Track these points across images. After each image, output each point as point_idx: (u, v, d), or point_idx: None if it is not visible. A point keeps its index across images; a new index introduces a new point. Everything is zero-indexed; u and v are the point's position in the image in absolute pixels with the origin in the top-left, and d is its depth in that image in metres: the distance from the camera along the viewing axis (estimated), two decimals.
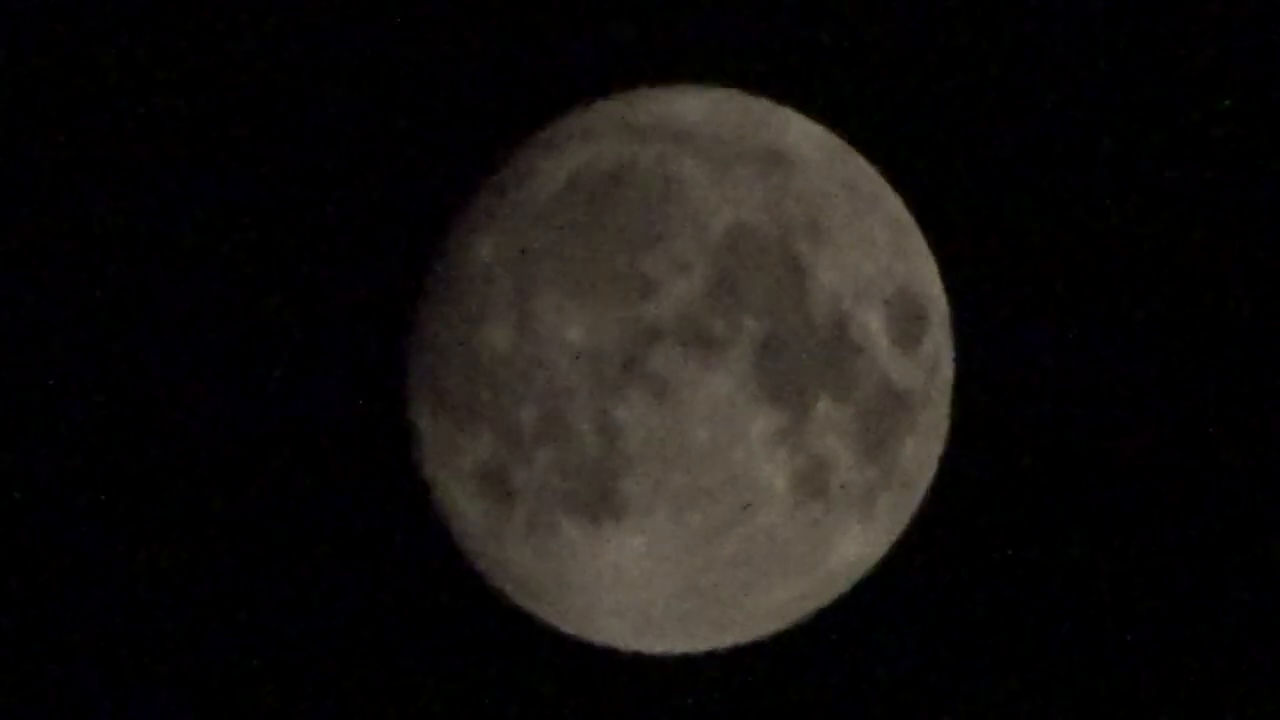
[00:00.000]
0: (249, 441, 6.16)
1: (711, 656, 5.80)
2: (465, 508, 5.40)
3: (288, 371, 6.15)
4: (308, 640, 6.21)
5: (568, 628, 5.68)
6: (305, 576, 6.19)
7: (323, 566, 6.17)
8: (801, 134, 5.46)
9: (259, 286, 6.16)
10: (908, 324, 5.34)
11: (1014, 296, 6.26)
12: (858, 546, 5.46)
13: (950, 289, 5.67)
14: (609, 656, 5.83)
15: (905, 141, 6.08)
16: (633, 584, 5.27)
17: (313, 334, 6.14)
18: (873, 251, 5.30)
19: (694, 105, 5.42)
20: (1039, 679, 6.35)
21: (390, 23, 6.17)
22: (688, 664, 5.88)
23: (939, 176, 6.15)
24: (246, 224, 6.17)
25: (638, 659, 5.82)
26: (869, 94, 6.18)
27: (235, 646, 6.21)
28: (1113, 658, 6.35)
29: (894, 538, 5.68)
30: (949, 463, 5.73)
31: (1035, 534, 6.31)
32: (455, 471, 5.35)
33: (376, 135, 6.17)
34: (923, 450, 5.51)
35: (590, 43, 6.17)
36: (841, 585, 5.67)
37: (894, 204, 5.58)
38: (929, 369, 5.42)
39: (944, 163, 6.21)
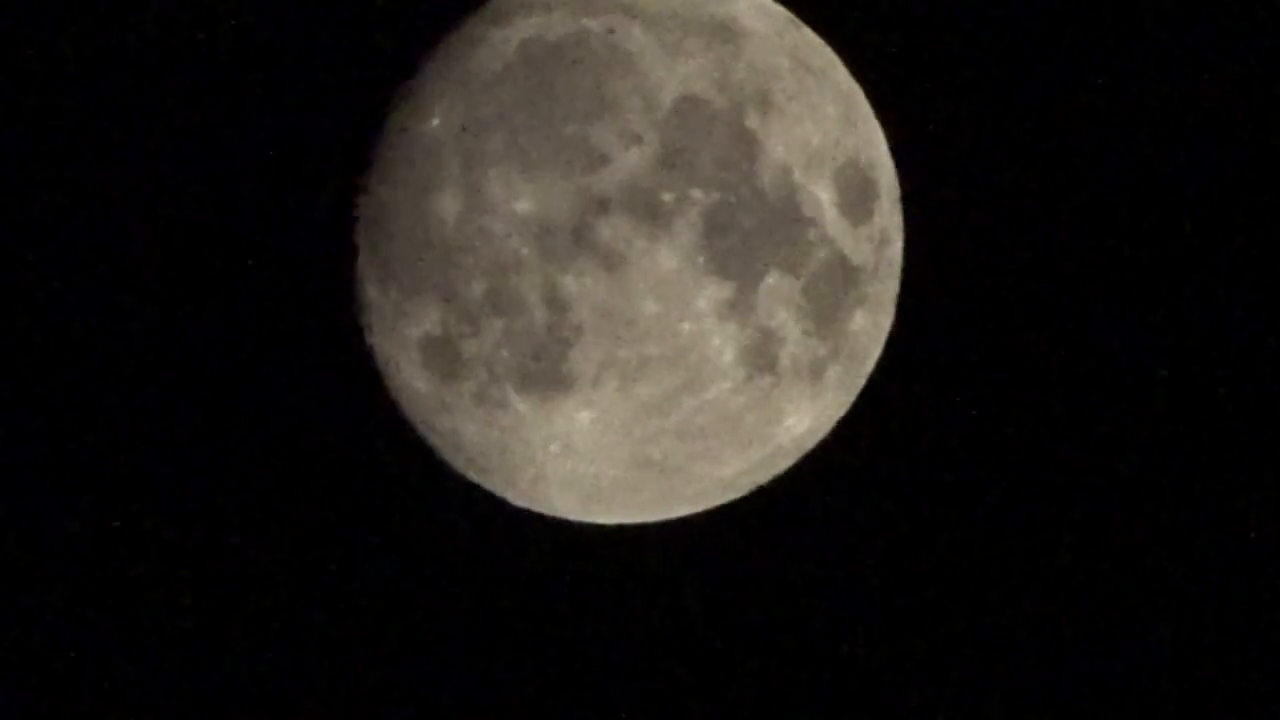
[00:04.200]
0: (198, 314, 6.15)
1: (660, 528, 5.85)
2: (413, 379, 5.40)
3: (236, 243, 6.13)
4: (252, 512, 6.24)
5: (517, 499, 5.71)
6: (250, 446, 6.20)
7: (267, 436, 6.19)
8: (750, 6, 5.42)
9: (209, 159, 6.14)
10: (857, 197, 5.33)
11: (963, 172, 6.27)
12: (806, 419, 5.49)
13: (899, 164, 5.66)
14: (558, 527, 5.87)
15: (854, 15, 6.05)
16: (581, 455, 5.29)
17: (261, 205, 6.11)
18: (822, 124, 5.29)
19: None
20: (979, 552, 6.43)
21: None
22: (636, 535, 5.93)
23: (888, 50, 6.13)
24: (196, 97, 6.13)
25: (586, 530, 5.86)
26: None
27: (180, 521, 6.24)
28: (1049, 539, 6.43)
29: (842, 411, 5.71)
30: (896, 337, 5.76)
31: (981, 408, 6.36)
32: (403, 343, 5.34)
33: (325, 6, 6.12)
34: (871, 324, 5.53)
35: None
36: (789, 458, 5.70)
37: (843, 77, 5.55)
38: (878, 242, 5.42)
39: (893, 37, 6.19)
